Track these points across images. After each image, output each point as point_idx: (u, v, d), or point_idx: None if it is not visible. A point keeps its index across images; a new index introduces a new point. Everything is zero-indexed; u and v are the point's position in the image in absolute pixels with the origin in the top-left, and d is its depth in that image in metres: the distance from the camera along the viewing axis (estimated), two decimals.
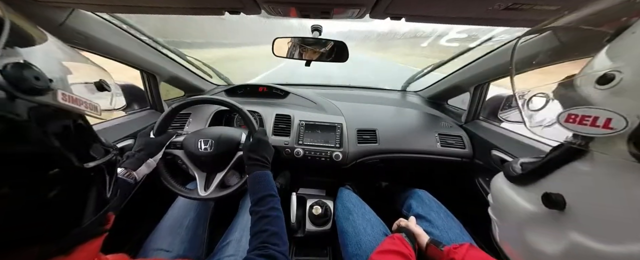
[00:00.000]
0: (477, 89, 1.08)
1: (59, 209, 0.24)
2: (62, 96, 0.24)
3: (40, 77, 0.22)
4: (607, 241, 0.20)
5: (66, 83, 0.27)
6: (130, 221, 1.01)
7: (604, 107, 0.21)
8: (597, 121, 0.21)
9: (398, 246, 0.65)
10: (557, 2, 0.48)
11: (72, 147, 0.25)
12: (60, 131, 0.25)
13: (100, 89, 0.32)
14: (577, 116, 0.23)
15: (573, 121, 0.23)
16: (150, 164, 0.72)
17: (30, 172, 0.21)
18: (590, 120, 0.21)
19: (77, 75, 0.29)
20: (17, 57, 0.21)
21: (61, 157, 0.24)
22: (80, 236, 0.26)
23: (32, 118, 0.21)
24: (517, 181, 0.32)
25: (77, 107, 0.26)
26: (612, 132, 0.20)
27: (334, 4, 0.56)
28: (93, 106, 0.29)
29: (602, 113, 0.21)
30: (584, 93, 0.24)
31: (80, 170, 0.26)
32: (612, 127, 0.20)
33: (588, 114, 0.22)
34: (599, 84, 0.22)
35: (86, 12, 0.72)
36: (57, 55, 0.28)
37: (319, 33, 0.89)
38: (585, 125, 0.22)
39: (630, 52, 0.21)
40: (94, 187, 0.28)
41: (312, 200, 1.11)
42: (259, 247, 0.49)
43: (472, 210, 0.84)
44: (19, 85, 0.20)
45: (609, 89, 0.21)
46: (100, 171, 0.29)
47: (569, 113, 0.23)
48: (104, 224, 0.31)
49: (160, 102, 1.19)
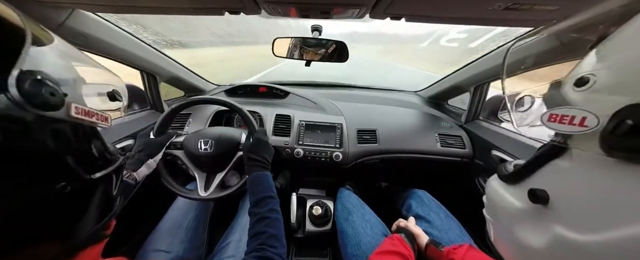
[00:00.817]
0: (477, 89, 1.08)
1: (65, 216, 0.24)
2: (75, 110, 0.25)
3: (55, 93, 0.22)
4: (585, 231, 0.22)
5: (79, 94, 0.27)
6: (130, 222, 1.00)
7: (580, 107, 0.23)
8: (574, 120, 0.23)
9: (397, 247, 0.65)
10: (557, 2, 0.48)
11: (80, 158, 0.26)
12: (69, 142, 0.25)
13: (112, 99, 0.33)
14: (557, 115, 0.25)
15: (554, 120, 0.25)
16: (150, 165, 0.72)
17: (39, 182, 0.22)
18: (568, 119, 0.24)
19: (90, 85, 0.29)
20: (32, 65, 0.22)
21: (69, 169, 0.24)
22: (84, 241, 0.27)
23: (43, 130, 0.22)
24: (507, 180, 0.34)
25: (89, 120, 0.27)
26: (587, 130, 0.22)
27: (333, 4, 0.56)
28: (104, 117, 0.29)
29: (578, 112, 0.23)
30: (565, 95, 0.26)
31: (87, 181, 0.26)
32: (587, 125, 0.22)
33: (567, 113, 0.24)
34: (576, 86, 0.24)
35: (86, 12, 0.72)
36: (70, 62, 0.28)
37: (319, 33, 0.89)
38: (565, 124, 0.24)
39: (605, 59, 0.24)
40: (100, 195, 0.28)
41: (312, 201, 1.11)
42: (257, 249, 0.49)
43: (472, 210, 0.84)
44: (34, 101, 0.21)
45: (584, 91, 0.24)
46: (107, 179, 0.30)
47: (551, 113, 0.25)
48: (106, 229, 0.31)
49: (160, 102, 1.19)
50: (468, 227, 0.82)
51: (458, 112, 1.28)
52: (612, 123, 0.20)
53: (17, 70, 0.20)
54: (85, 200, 0.26)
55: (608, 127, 0.20)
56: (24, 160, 0.20)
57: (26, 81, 0.20)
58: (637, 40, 0.22)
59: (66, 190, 0.23)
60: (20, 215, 0.21)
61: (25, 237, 0.21)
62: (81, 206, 0.26)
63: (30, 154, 0.21)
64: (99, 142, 0.31)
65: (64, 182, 0.23)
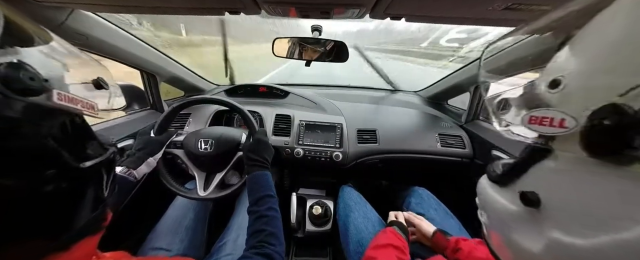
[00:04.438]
0: (477, 89, 1.08)
1: (56, 206, 0.24)
2: (58, 96, 0.24)
3: (34, 77, 0.22)
4: (578, 235, 0.21)
5: (63, 82, 0.27)
6: (129, 220, 1.01)
7: (557, 108, 0.23)
8: (554, 121, 0.23)
9: (391, 239, 0.66)
10: (557, 2, 0.48)
11: (69, 146, 0.25)
12: (56, 130, 0.25)
13: (97, 87, 0.32)
14: (537, 117, 0.24)
15: (535, 122, 0.25)
16: (150, 163, 0.72)
17: (26, 171, 0.21)
18: (548, 120, 0.23)
19: (74, 73, 0.29)
20: (13, 56, 0.21)
21: (57, 157, 0.24)
22: (78, 233, 0.26)
23: (26, 117, 0.21)
24: (497, 181, 0.33)
25: (73, 107, 0.26)
26: (567, 131, 0.22)
27: (333, 4, 0.56)
28: (90, 105, 0.29)
29: (556, 114, 0.23)
30: (541, 96, 0.26)
31: (76, 170, 0.26)
32: (566, 126, 0.22)
33: (546, 115, 0.24)
34: (550, 88, 0.24)
35: (86, 12, 0.72)
36: (56, 53, 0.28)
37: (319, 33, 0.89)
38: (545, 126, 0.24)
39: (570, 60, 0.24)
40: (91, 186, 0.28)
41: (312, 201, 1.11)
42: (256, 246, 0.50)
43: (472, 210, 0.84)
44: (12, 85, 0.20)
45: (559, 93, 0.23)
46: (98, 170, 0.29)
47: (531, 115, 0.25)
48: (101, 220, 0.31)
49: (160, 102, 1.19)
50: (468, 227, 0.82)
51: (458, 112, 1.28)
52: (589, 123, 0.20)
53: None
54: (78, 190, 0.26)
55: (586, 127, 0.20)
56: (8, 150, 0.20)
57: (1, 65, 0.20)
58: (599, 41, 0.22)
59: (56, 181, 0.23)
60: (11, 207, 0.20)
61: (15, 229, 0.21)
62: (73, 196, 0.26)
63: (14, 143, 0.20)
64: (88, 131, 0.30)
65: (53, 170, 0.23)
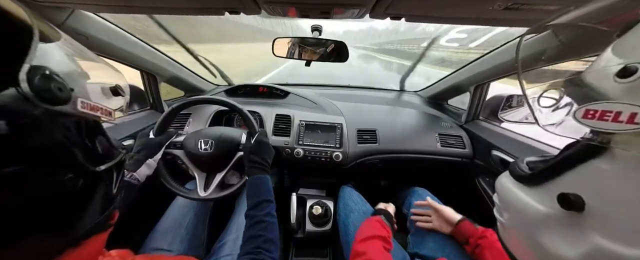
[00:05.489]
0: (477, 89, 1.08)
1: (72, 206, 0.25)
2: (82, 104, 0.25)
3: (62, 87, 0.23)
4: (627, 243, 0.19)
5: (85, 90, 0.28)
6: (130, 221, 1.00)
7: (627, 101, 0.20)
8: (620, 116, 0.20)
9: (377, 230, 0.68)
10: (557, 1, 0.48)
11: (87, 150, 0.27)
12: (76, 136, 0.26)
13: (115, 93, 0.33)
14: (596, 112, 0.21)
15: (592, 117, 0.22)
16: (150, 165, 0.72)
17: (49, 173, 0.22)
18: (611, 115, 0.20)
19: (95, 80, 0.30)
20: (40, 61, 0.22)
21: (76, 161, 0.25)
22: (89, 230, 0.28)
23: (54, 124, 0.23)
24: (526, 181, 0.31)
25: (93, 114, 0.27)
26: (638, 128, 0.19)
27: (333, 4, 0.56)
28: (108, 112, 0.30)
29: (626, 107, 0.20)
30: (601, 88, 0.23)
31: (93, 173, 0.27)
32: (638, 122, 0.19)
33: (609, 109, 0.20)
34: (620, 77, 0.21)
35: (86, 13, 0.72)
36: (75, 58, 0.29)
37: (319, 33, 0.89)
38: (606, 121, 0.21)
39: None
40: (104, 186, 0.29)
41: (312, 201, 1.11)
42: (252, 252, 0.50)
43: (472, 210, 0.84)
44: (44, 96, 0.21)
45: (631, 83, 0.20)
46: (110, 171, 0.30)
47: (587, 109, 0.22)
48: (110, 219, 0.32)
49: (160, 102, 1.19)
50: None
51: (458, 112, 1.28)
52: None
53: (28, 65, 0.20)
54: (91, 191, 0.27)
55: None
56: (34, 154, 0.21)
57: (36, 76, 0.21)
58: None
59: (73, 183, 0.24)
60: (32, 207, 0.21)
61: (33, 228, 0.22)
62: (88, 197, 0.27)
63: (40, 147, 0.21)
64: (104, 135, 0.32)
65: (71, 174, 0.24)
